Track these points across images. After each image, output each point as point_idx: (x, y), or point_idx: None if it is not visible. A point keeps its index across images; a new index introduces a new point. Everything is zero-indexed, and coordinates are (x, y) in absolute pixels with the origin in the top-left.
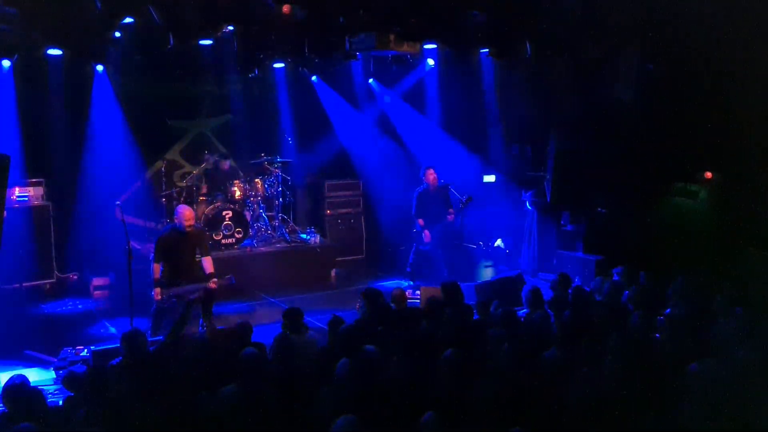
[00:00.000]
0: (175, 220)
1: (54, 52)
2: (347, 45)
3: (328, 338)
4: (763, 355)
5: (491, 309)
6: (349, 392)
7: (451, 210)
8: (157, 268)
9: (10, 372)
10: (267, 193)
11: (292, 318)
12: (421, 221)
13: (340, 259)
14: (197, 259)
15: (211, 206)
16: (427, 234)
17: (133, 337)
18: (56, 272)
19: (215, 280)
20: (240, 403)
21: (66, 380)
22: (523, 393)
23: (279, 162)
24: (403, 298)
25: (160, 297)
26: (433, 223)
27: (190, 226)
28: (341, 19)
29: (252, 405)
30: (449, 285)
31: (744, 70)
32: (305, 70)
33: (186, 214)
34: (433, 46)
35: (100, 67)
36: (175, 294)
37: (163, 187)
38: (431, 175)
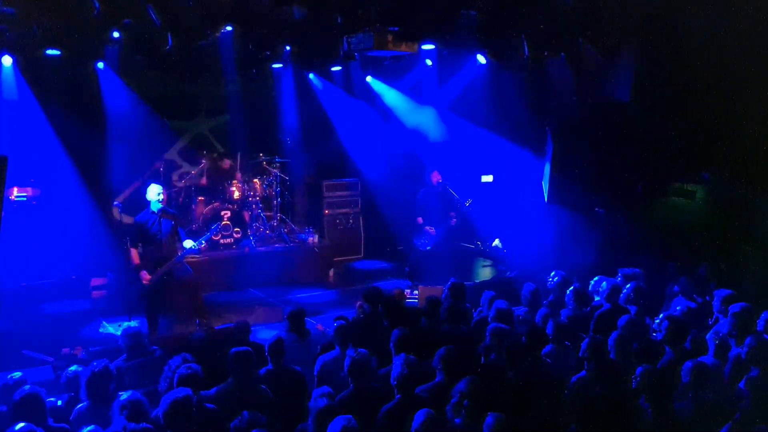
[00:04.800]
0: (148, 198)
1: (53, 52)
2: (345, 45)
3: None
4: (760, 353)
5: (490, 309)
6: (345, 392)
7: (452, 213)
8: (135, 253)
9: (8, 372)
10: (265, 193)
11: (296, 320)
12: (419, 219)
13: (338, 258)
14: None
15: (210, 206)
16: (431, 229)
17: (133, 336)
18: (55, 272)
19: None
20: (235, 402)
21: (68, 381)
22: (520, 391)
23: (277, 162)
24: (402, 297)
25: (149, 278)
26: (436, 224)
27: (161, 201)
28: (339, 20)
29: (246, 404)
30: (456, 285)
31: (741, 69)
32: (304, 70)
33: (155, 189)
34: (431, 46)
35: (101, 65)
36: (163, 272)
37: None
38: (435, 177)
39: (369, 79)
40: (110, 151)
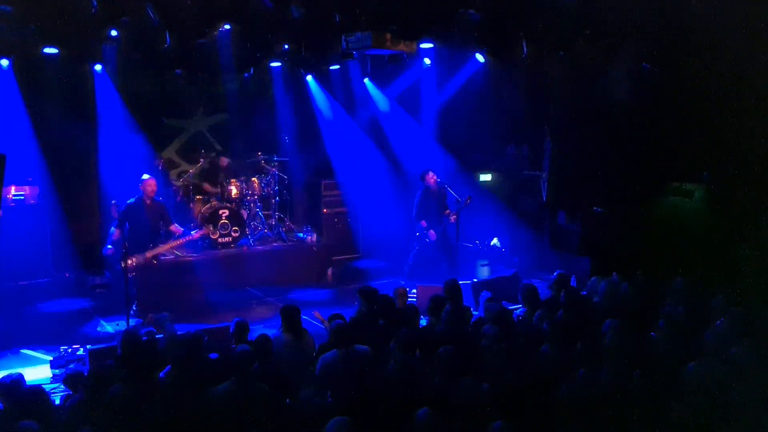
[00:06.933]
0: (141, 188)
1: (50, 51)
2: (343, 44)
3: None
4: (759, 354)
5: (488, 307)
6: (341, 390)
7: (448, 212)
8: (117, 232)
9: (6, 370)
10: (264, 191)
11: (289, 318)
12: (423, 222)
13: (336, 258)
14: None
15: (208, 205)
16: (432, 233)
17: (130, 337)
18: (52, 271)
19: (195, 231)
20: (233, 401)
21: (67, 380)
22: (516, 390)
23: (276, 161)
24: (404, 296)
25: (112, 252)
26: (436, 224)
27: (154, 192)
28: (337, 18)
29: (244, 402)
30: (450, 283)
31: (741, 69)
32: (301, 69)
33: (152, 182)
34: (430, 45)
35: (98, 66)
36: (150, 257)
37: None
38: (432, 178)
39: (366, 80)
40: (109, 151)
